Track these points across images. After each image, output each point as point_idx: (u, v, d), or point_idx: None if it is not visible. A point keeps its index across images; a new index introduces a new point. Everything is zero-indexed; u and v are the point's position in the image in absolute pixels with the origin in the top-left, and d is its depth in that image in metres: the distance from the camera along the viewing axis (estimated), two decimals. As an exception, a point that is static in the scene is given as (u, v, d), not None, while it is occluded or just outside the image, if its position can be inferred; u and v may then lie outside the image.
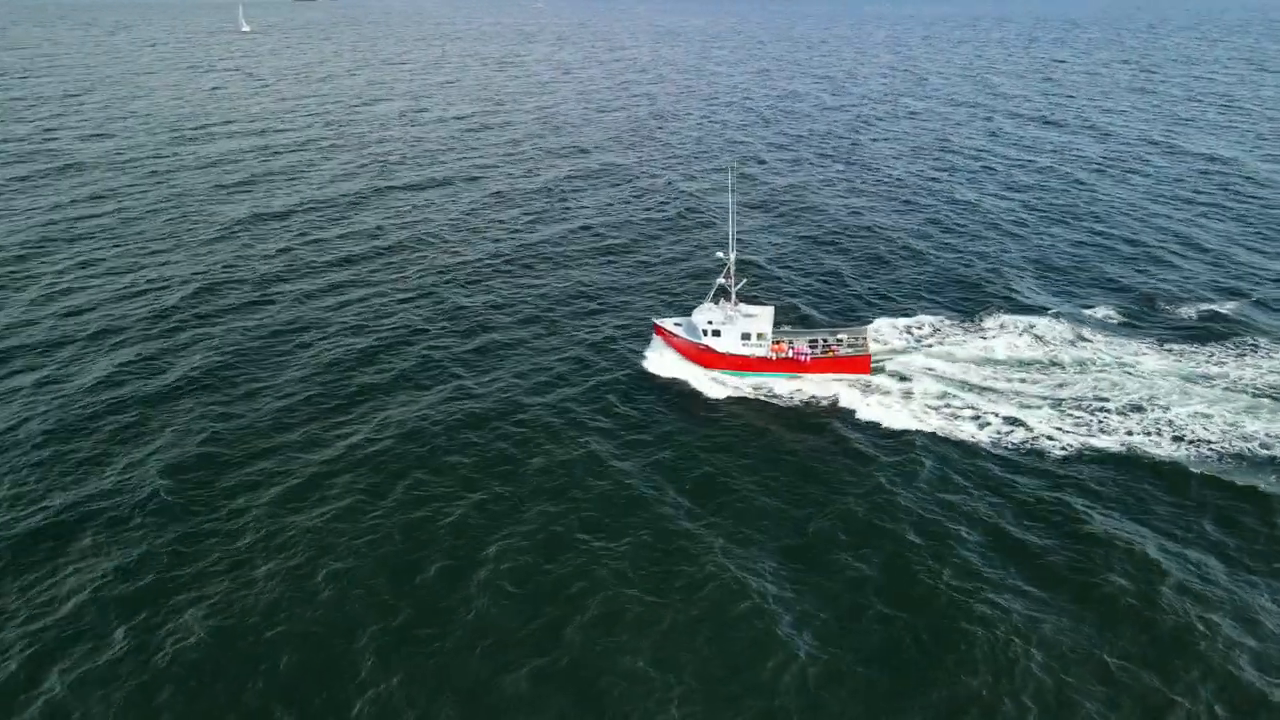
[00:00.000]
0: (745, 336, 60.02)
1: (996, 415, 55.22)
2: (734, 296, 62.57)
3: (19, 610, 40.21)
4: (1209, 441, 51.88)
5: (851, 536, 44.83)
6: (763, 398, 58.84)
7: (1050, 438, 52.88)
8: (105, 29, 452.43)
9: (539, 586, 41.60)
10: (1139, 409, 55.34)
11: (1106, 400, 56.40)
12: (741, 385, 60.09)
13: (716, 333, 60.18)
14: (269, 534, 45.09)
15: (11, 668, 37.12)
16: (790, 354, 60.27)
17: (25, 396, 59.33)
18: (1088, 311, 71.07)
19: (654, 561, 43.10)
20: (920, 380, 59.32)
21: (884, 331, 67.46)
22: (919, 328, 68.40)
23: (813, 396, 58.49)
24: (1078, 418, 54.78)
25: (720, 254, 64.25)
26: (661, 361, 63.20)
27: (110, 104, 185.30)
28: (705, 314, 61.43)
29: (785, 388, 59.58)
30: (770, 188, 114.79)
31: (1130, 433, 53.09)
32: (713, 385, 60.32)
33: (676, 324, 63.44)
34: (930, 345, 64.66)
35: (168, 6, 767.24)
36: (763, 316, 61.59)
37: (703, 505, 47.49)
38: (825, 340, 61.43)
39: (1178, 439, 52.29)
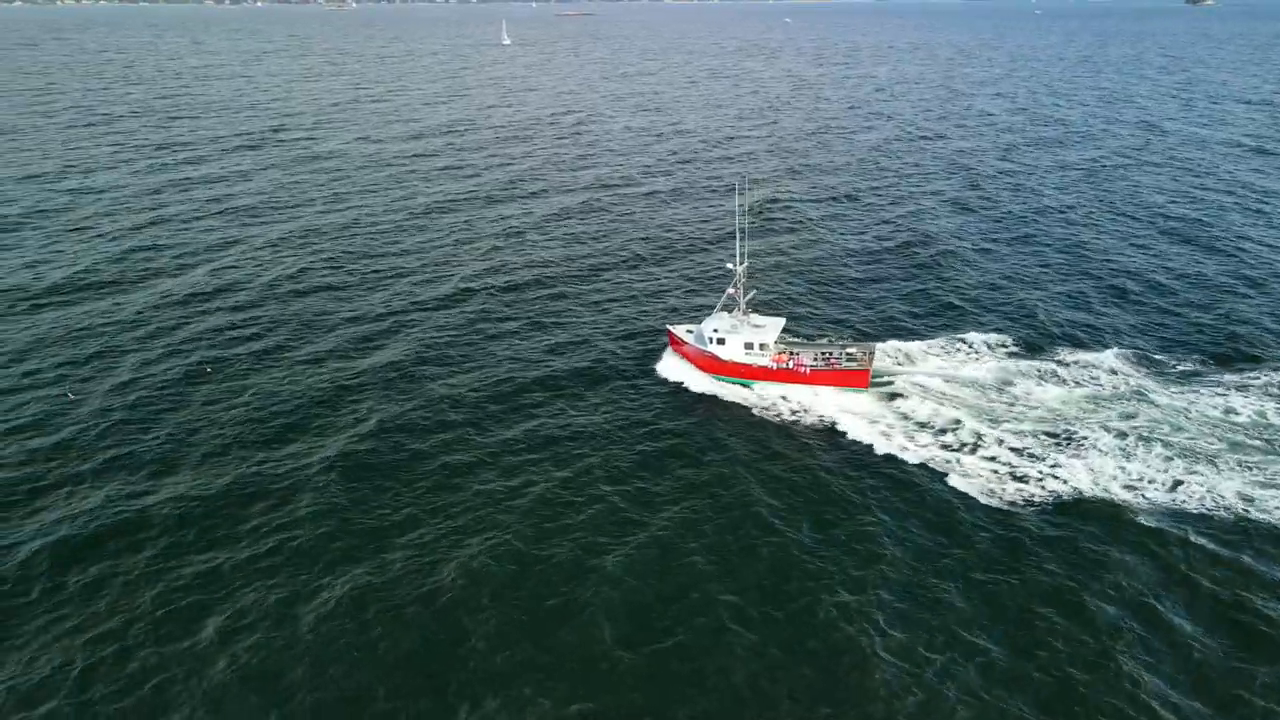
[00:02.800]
0: (748, 346, 61.46)
1: (999, 444, 53.51)
2: (743, 306, 64.14)
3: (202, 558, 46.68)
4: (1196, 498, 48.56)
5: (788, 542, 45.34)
6: (755, 407, 60.14)
7: (1036, 476, 50.78)
8: (384, 40, 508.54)
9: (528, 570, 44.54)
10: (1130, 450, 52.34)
11: (1103, 438, 53.56)
12: (740, 392, 61.75)
13: (721, 340, 61.94)
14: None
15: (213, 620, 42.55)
16: (791, 365, 61.19)
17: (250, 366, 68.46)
18: (1152, 353, 66.51)
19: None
20: (926, 401, 58.61)
21: (894, 349, 66.97)
22: (952, 348, 67.29)
23: (807, 410, 59.13)
24: (1071, 453, 52.42)
25: (730, 265, 65.90)
26: (670, 366, 65.50)
27: (372, 107, 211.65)
28: (713, 322, 63.42)
29: (785, 399, 60.62)
30: (915, 209, 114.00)
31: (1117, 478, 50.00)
32: (711, 390, 62.18)
33: (689, 331, 65.57)
34: (953, 367, 63.73)
35: (446, 21, 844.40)
36: (769, 327, 62.78)
37: (657, 504, 49.35)
38: (831, 353, 61.83)
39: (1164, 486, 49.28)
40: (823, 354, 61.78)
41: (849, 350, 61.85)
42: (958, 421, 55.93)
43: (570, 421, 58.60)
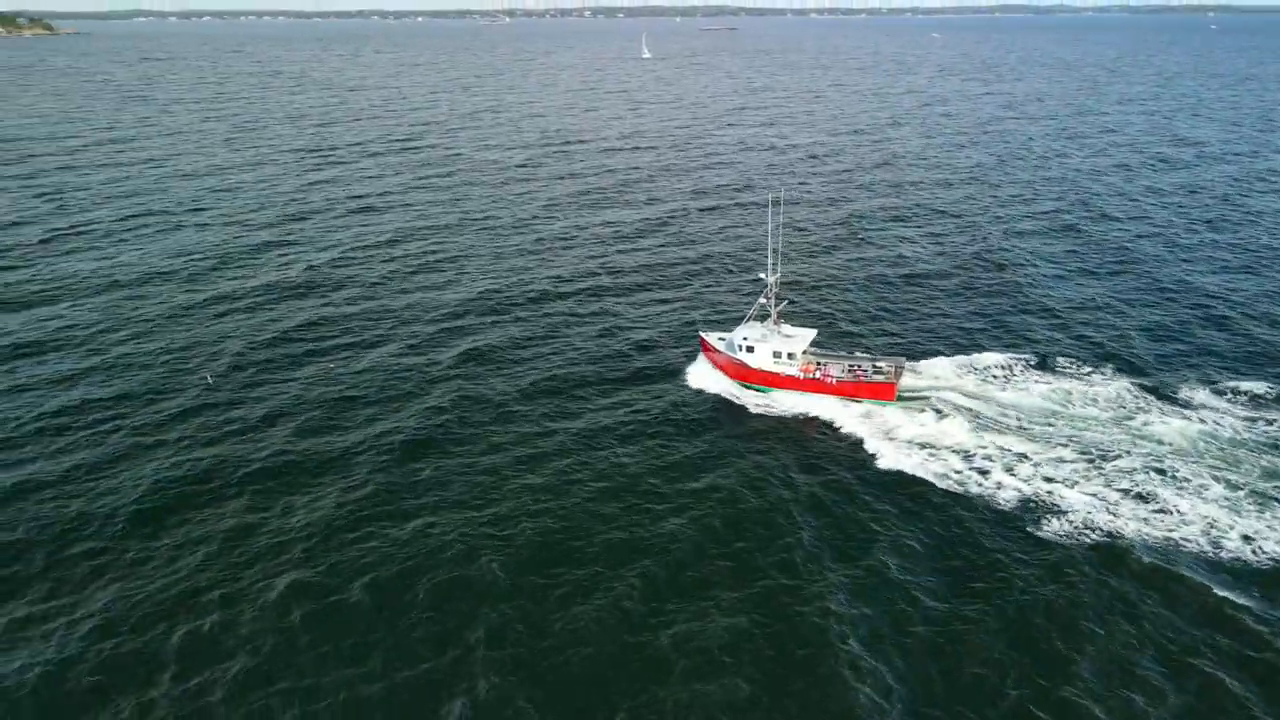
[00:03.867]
0: (776, 355, 63.00)
1: (1095, 478, 51.52)
2: (775, 316, 65.47)
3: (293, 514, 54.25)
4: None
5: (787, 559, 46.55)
6: (778, 415, 61.39)
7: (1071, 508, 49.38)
8: (531, 54, 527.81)
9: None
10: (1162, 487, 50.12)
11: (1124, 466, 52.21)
12: (767, 400, 63.13)
13: (750, 349, 63.52)
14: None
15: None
16: (818, 375, 62.38)
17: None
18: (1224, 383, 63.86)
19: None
20: (952, 419, 58.28)
21: (965, 364, 66.89)
22: (1000, 367, 66.67)
23: (837, 422, 59.80)
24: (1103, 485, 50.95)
25: (762, 275, 67.55)
26: (699, 372, 67.31)
27: (507, 117, 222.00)
28: (744, 330, 65.13)
29: (810, 408, 61.51)
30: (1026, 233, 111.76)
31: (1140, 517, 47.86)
32: (745, 398, 63.67)
33: (720, 338, 67.31)
34: (1059, 398, 62.08)
35: (592, 33, 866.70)
36: (799, 338, 64.18)
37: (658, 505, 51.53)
38: (860, 366, 62.70)
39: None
40: (850, 366, 63.14)
41: (877, 364, 62.99)
42: (1017, 450, 54.71)
43: (614, 422, 61.33)
